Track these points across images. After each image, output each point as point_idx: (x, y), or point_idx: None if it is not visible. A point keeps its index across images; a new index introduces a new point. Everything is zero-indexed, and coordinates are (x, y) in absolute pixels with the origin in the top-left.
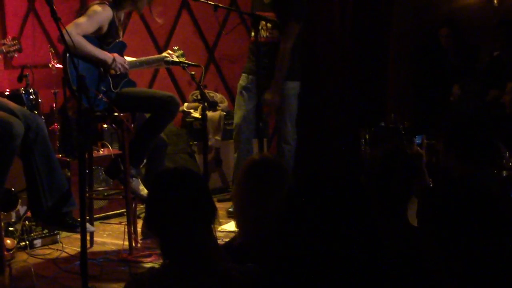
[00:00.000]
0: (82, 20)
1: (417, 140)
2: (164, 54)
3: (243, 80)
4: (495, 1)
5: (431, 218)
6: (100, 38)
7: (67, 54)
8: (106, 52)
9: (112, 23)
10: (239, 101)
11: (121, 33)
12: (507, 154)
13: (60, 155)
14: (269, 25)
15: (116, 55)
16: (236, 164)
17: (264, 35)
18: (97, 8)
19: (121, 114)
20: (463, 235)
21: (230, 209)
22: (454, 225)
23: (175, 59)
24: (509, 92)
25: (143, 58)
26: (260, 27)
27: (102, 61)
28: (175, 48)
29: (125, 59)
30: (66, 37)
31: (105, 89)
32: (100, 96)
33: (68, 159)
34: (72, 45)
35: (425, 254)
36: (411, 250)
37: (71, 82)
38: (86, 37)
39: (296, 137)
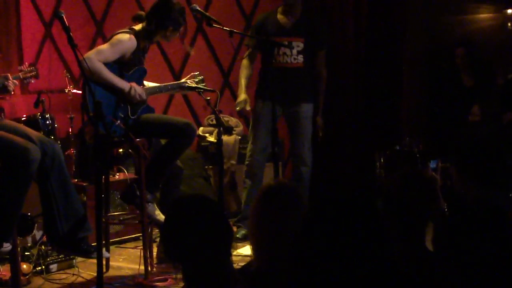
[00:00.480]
0: (105, 47)
1: (432, 164)
2: (184, 80)
3: (258, 106)
4: (509, 24)
5: (447, 242)
6: (122, 64)
7: (85, 80)
8: (124, 81)
9: (135, 52)
10: (253, 127)
11: (144, 61)
12: None
13: (76, 180)
14: (294, 51)
15: (134, 84)
16: (250, 190)
17: (289, 61)
18: (122, 37)
19: (138, 140)
20: (480, 260)
21: (237, 235)
22: (471, 249)
23: (193, 85)
24: None
25: (162, 85)
26: (281, 53)
27: (120, 89)
28: (196, 73)
29: (144, 86)
30: (83, 63)
31: (122, 115)
32: (117, 123)
33: (84, 184)
34: (89, 71)
35: (442, 280)
36: (428, 275)
37: (88, 108)
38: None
39: (312, 160)
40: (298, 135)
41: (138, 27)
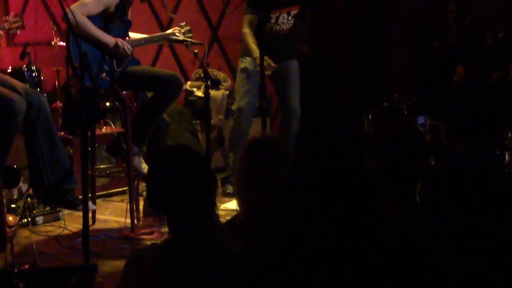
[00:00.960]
0: (88, 0)
1: (420, 120)
2: (171, 30)
3: (249, 63)
4: None
5: (434, 197)
6: (106, 17)
7: (70, 33)
8: (108, 36)
9: (119, 5)
10: (243, 84)
11: (128, 13)
12: (510, 135)
13: (62, 133)
14: (290, 17)
15: (119, 39)
16: (233, 144)
17: (284, 28)
18: None
19: (124, 93)
20: (465, 214)
21: (228, 190)
22: (457, 204)
23: (181, 36)
24: None
25: (148, 36)
26: (280, 22)
27: (104, 44)
28: (182, 24)
29: (130, 38)
30: (69, 15)
31: (108, 68)
32: (103, 76)
33: (71, 137)
34: (75, 24)
35: (427, 233)
36: (417, 229)
37: (73, 59)
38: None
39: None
40: (290, 88)
41: None
